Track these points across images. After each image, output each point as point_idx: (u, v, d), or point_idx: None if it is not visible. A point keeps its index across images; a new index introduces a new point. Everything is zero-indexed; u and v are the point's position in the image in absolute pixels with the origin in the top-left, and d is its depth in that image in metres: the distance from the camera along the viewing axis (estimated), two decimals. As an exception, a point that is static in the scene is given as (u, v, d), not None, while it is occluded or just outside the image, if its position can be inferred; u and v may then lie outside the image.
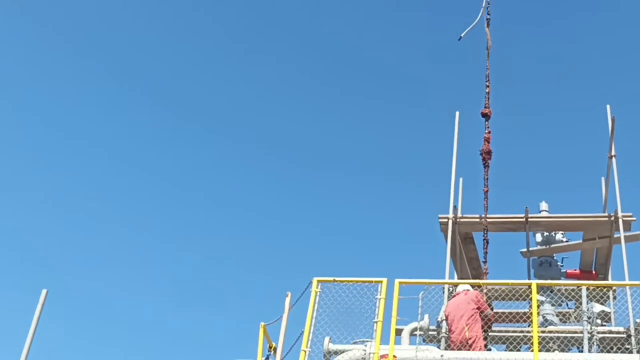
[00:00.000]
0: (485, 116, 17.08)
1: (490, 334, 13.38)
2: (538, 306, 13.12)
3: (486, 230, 15.67)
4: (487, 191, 16.15)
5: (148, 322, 39.67)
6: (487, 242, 15.60)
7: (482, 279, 15.04)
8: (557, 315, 15.28)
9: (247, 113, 44.66)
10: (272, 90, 45.13)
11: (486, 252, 15.46)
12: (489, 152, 16.52)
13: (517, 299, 14.54)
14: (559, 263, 17.24)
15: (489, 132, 16.85)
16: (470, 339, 12.43)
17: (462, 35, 18.06)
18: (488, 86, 17.44)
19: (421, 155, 43.78)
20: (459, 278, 16.85)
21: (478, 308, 12.79)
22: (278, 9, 45.67)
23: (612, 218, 16.02)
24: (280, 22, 45.88)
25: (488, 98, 17.28)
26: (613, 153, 16.85)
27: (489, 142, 16.69)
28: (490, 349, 12.96)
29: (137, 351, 37.32)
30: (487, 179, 16.28)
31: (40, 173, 41.88)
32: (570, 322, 15.21)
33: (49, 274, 37.03)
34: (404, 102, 45.98)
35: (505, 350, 12.83)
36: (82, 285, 38.97)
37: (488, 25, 18.35)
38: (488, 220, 15.90)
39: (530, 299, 12.51)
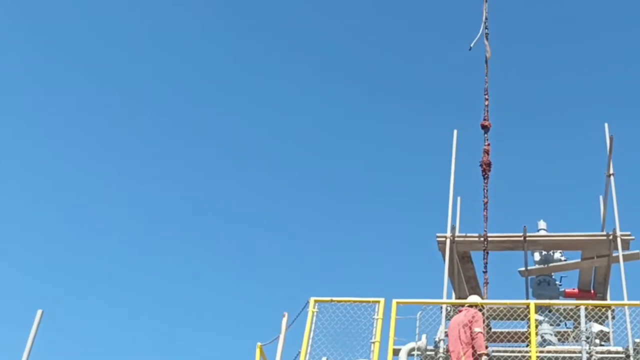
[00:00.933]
0: (485, 128, 17.22)
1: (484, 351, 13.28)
2: (536, 326, 13.05)
3: (486, 244, 15.67)
4: (487, 202, 16.19)
5: (145, 342, 39.51)
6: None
7: (483, 294, 15.03)
8: (556, 335, 15.21)
9: (243, 127, 44.60)
10: (268, 104, 45.18)
11: (486, 263, 15.47)
12: (489, 164, 16.65)
13: (516, 319, 14.44)
14: (557, 282, 17.18)
15: (489, 145, 16.96)
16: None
17: (471, 45, 18.25)
18: (487, 99, 17.57)
19: (419, 173, 43.81)
20: (456, 297, 16.78)
21: (470, 322, 12.68)
22: (278, 26, 45.80)
23: (611, 237, 15.97)
24: (278, 38, 46.00)
25: (487, 110, 17.40)
26: (611, 171, 16.83)
27: (488, 154, 16.84)
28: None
29: (134, 370, 37.10)
30: (486, 190, 16.36)
31: (34, 186, 41.81)
32: (568, 341, 15.16)
33: (44, 295, 36.92)
34: (401, 120, 46.07)
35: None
36: (77, 305, 38.86)
37: (487, 38, 18.50)
38: (488, 238, 15.88)
39: (529, 319, 12.45)
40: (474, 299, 13.54)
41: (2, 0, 41.10)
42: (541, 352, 13.37)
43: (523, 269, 16.86)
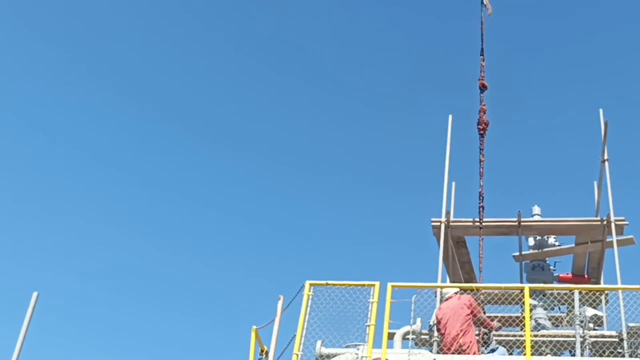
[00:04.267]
0: (483, 87, 17.40)
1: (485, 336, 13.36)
2: (530, 310, 13.11)
3: (482, 196, 15.82)
4: (483, 161, 16.39)
5: (139, 326, 39.62)
6: (483, 208, 15.89)
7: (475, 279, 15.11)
8: (550, 319, 15.27)
9: (240, 119, 44.65)
10: (263, 95, 45.15)
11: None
12: (487, 123, 16.88)
13: (510, 303, 14.51)
14: (551, 267, 17.25)
15: (484, 105, 17.15)
16: (464, 344, 12.41)
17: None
18: (483, 59, 17.64)
19: (414, 159, 43.82)
20: (451, 282, 16.84)
21: (471, 313, 12.77)
22: (271, 14, 45.71)
23: (605, 222, 16.04)
24: (272, 28, 45.88)
25: (483, 71, 17.58)
26: (606, 157, 16.88)
27: (484, 113, 17.00)
28: (496, 348, 12.94)
29: (128, 355, 37.16)
30: (483, 149, 16.61)
31: (34, 175, 41.79)
32: (562, 326, 15.23)
33: (39, 277, 36.91)
34: (395, 106, 46.03)
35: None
36: (73, 288, 38.87)
37: None
38: (483, 223, 15.96)
39: (523, 303, 12.50)
40: (454, 290, 13.54)
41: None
42: (535, 336, 13.44)
43: (517, 253, 16.94)
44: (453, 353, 12.42)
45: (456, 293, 13.16)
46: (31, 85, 41.74)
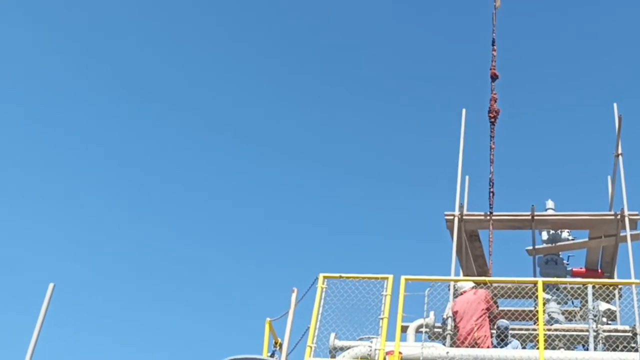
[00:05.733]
0: (494, 76, 17.57)
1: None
2: (544, 304, 13.12)
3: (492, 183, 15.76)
4: (493, 148, 16.51)
5: (154, 318, 39.76)
6: (493, 194, 16.07)
7: (489, 272, 15.12)
8: (563, 314, 15.27)
9: (253, 114, 44.71)
10: (278, 92, 45.18)
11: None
12: (498, 111, 17.10)
13: (523, 297, 14.53)
14: (564, 261, 17.22)
15: (495, 94, 17.36)
16: (478, 338, 12.45)
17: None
18: (495, 49, 17.82)
19: (427, 153, 43.78)
20: (464, 275, 16.86)
21: (487, 309, 12.81)
22: (282, 11, 45.68)
23: (619, 216, 16.01)
24: (282, 20, 45.87)
25: (495, 60, 17.72)
26: (619, 151, 16.86)
27: (495, 102, 17.22)
28: (510, 342, 12.96)
29: (143, 347, 37.39)
30: (493, 136, 16.76)
31: (50, 169, 41.99)
32: (575, 320, 15.22)
33: (56, 268, 37.10)
34: (409, 100, 45.99)
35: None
36: (89, 280, 39.06)
37: None
38: (494, 217, 15.95)
39: (536, 297, 12.51)
40: (470, 284, 13.58)
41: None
42: (548, 330, 13.45)
43: (530, 247, 16.91)
44: (467, 346, 12.46)
45: (473, 287, 13.19)
46: (43, 83, 41.94)
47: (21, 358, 11.67)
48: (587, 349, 12.85)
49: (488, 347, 12.40)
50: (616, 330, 13.12)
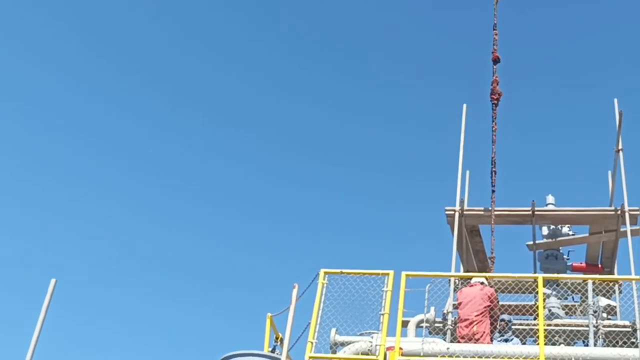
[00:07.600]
0: (496, 59, 17.61)
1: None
2: (544, 299, 13.16)
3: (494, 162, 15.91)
4: (496, 129, 16.63)
5: (156, 313, 39.76)
6: (495, 173, 16.03)
7: (490, 268, 15.17)
8: (563, 309, 15.32)
9: (256, 110, 44.66)
10: (279, 87, 45.14)
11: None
12: (500, 94, 17.15)
13: (523, 292, 14.57)
14: (565, 256, 17.27)
15: (497, 77, 17.42)
16: (477, 333, 12.49)
17: None
18: (496, 33, 17.93)
19: (428, 148, 43.74)
20: (465, 271, 16.91)
21: (489, 306, 12.86)
22: (281, 1, 45.65)
23: (619, 212, 16.04)
24: (286, 16, 45.85)
25: (496, 44, 17.80)
26: (620, 147, 16.89)
27: (497, 84, 17.27)
28: (511, 339, 13.00)
29: (145, 342, 37.49)
30: (495, 117, 16.83)
31: (53, 164, 41.98)
32: (576, 315, 15.26)
33: (58, 264, 37.14)
34: (410, 95, 45.97)
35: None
36: (91, 275, 39.11)
37: None
38: (495, 213, 15.97)
39: (536, 292, 12.56)
40: (480, 279, 13.63)
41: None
42: (549, 325, 13.49)
43: (531, 242, 16.95)
44: (464, 337, 12.53)
45: (482, 283, 13.24)
46: (45, 78, 41.91)
47: (23, 354, 11.67)
48: (587, 345, 12.89)
49: (487, 343, 12.42)
50: (616, 326, 13.16)
